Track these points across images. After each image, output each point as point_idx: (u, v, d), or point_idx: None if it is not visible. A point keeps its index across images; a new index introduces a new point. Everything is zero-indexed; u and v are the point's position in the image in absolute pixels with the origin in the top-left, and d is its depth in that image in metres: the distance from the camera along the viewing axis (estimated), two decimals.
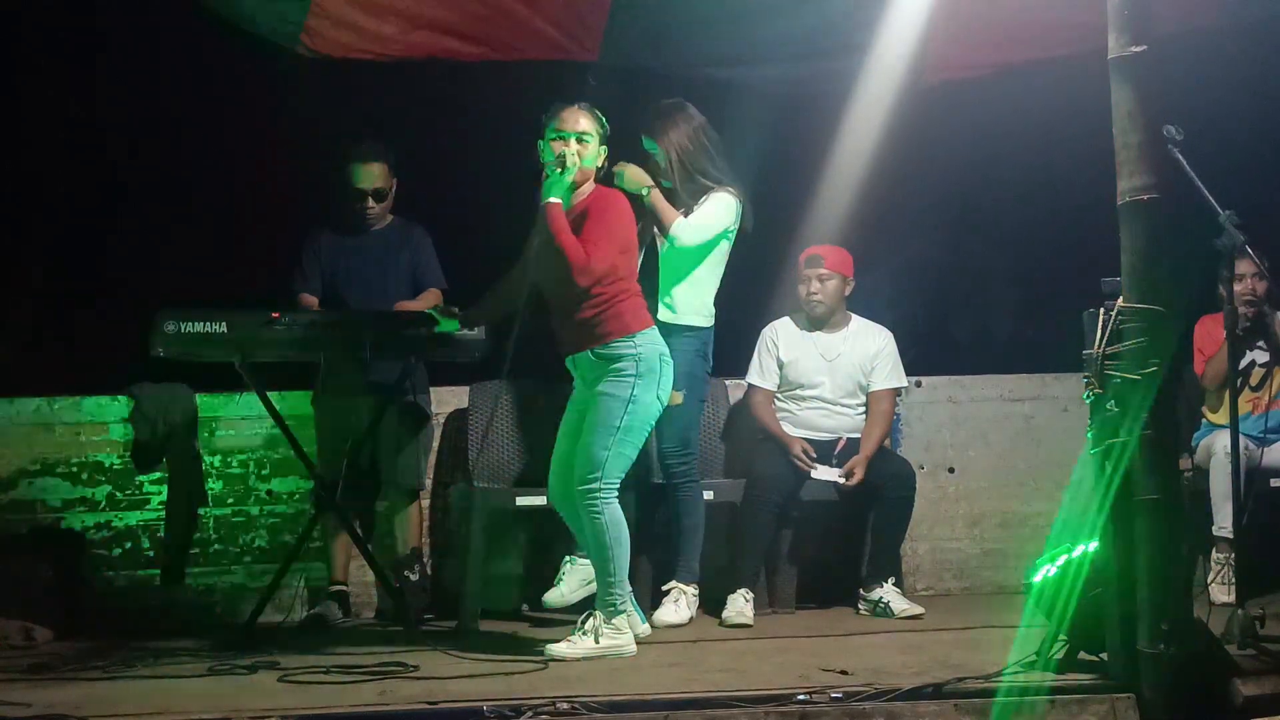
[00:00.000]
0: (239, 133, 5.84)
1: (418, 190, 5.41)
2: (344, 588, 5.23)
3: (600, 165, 4.27)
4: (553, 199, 4.09)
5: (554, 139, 4.18)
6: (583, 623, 4.09)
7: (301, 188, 5.60)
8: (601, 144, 4.23)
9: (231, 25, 4.92)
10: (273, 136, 5.81)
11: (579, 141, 4.16)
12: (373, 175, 5.16)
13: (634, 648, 4.08)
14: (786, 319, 5.37)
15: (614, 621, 4.06)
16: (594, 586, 4.38)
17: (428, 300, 5.19)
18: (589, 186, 4.24)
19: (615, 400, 4.08)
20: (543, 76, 5.38)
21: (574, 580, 4.70)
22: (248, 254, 5.63)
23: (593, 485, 4.05)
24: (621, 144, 4.54)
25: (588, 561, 4.64)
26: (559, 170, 4.11)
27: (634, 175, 4.76)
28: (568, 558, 4.77)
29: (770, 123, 5.95)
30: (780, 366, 5.30)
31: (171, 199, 5.86)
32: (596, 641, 4.01)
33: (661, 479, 4.90)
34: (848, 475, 5.08)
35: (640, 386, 4.09)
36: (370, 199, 5.16)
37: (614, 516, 4.07)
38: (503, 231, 4.68)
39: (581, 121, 4.19)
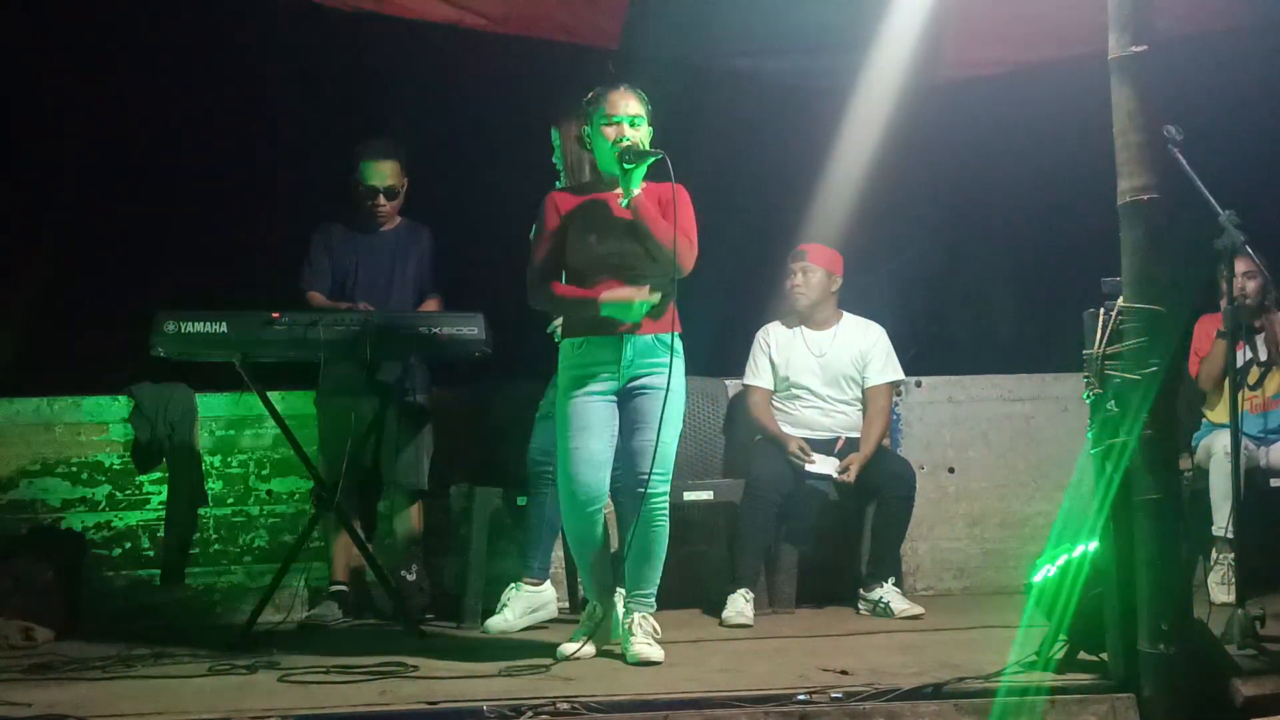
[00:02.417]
0: (240, 132, 5.84)
1: (424, 182, 5.42)
2: (344, 588, 5.23)
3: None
4: (636, 190, 3.96)
5: (604, 125, 4.01)
6: (641, 625, 4.01)
7: (302, 187, 5.60)
8: (650, 125, 4.06)
9: None
10: (274, 135, 5.81)
11: (631, 126, 4.00)
12: (384, 173, 5.16)
13: None
14: (778, 322, 5.38)
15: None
16: (539, 615, 4.64)
17: (431, 308, 5.20)
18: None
19: (677, 397, 4.01)
20: (556, 63, 5.39)
21: (519, 607, 4.69)
22: (248, 254, 5.64)
23: (667, 485, 4.03)
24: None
25: (534, 589, 4.73)
26: (631, 160, 3.92)
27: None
28: (513, 585, 4.76)
29: (774, 117, 5.96)
30: (773, 367, 5.31)
31: (172, 198, 5.86)
32: (658, 633, 4.04)
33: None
34: (843, 470, 5.08)
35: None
36: (382, 197, 5.16)
37: None
38: (512, 220, 4.68)
39: (632, 104, 4.03)
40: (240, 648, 4.36)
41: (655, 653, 3.93)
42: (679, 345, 4.06)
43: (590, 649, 4.00)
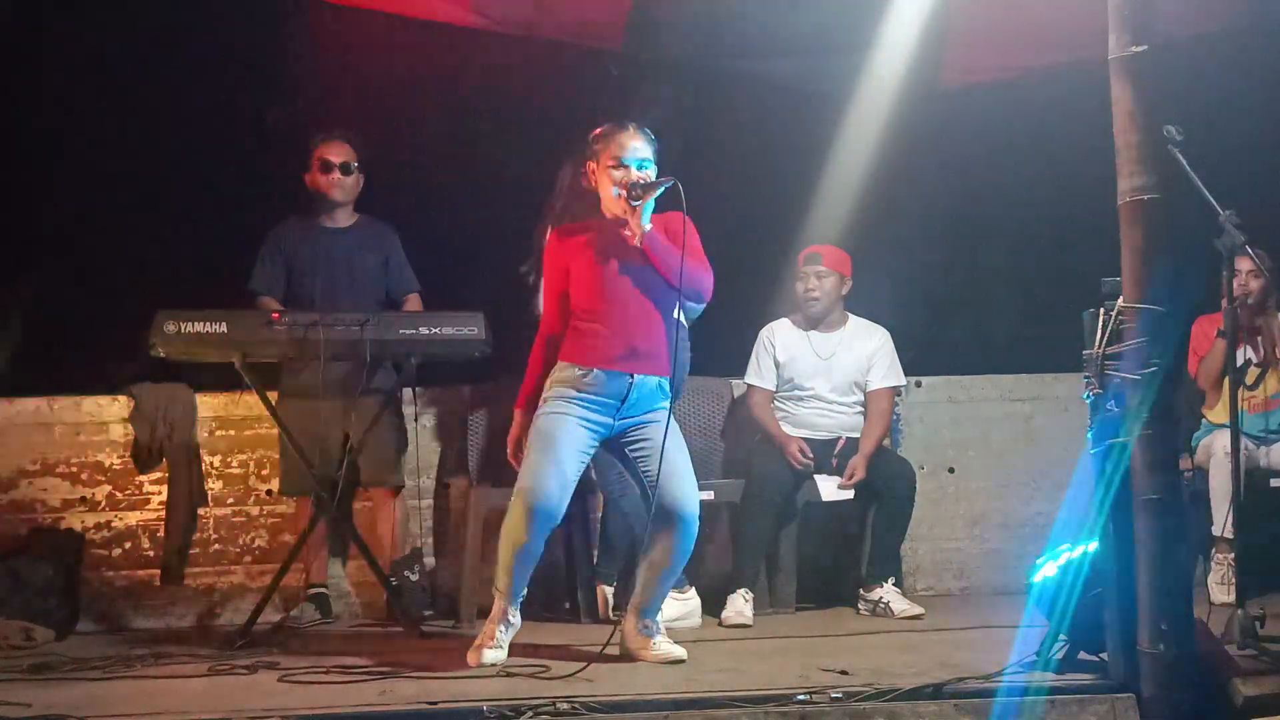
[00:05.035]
0: (241, 132, 5.84)
1: (424, 180, 5.42)
2: (323, 590, 5.23)
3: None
4: (648, 225, 3.89)
5: (611, 167, 3.95)
6: (662, 628, 4.07)
7: (303, 187, 5.59)
8: (656, 165, 4.00)
9: None
10: (274, 136, 5.81)
11: (639, 169, 3.94)
12: (340, 150, 5.18)
13: None
14: (785, 320, 5.37)
15: None
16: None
17: (411, 306, 5.20)
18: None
19: (678, 432, 4.01)
20: (558, 63, 5.39)
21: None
22: (248, 254, 5.63)
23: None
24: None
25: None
26: (638, 196, 3.87)
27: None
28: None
29: (776, 119, 5.97)
30: (777, 366, 5.30)
31: (172, 198, 5.86)
32: None
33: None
34: (849, 476, 5.08)
35: None
36: (337, 171, 5.16)
37: None
38: (512, 219, 4.68)
39: (641, 146, 3.97)
40: (240, 648, 4.37)
41: (680, 651, 3.97)
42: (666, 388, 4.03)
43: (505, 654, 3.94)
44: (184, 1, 5.73)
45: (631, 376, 3.92)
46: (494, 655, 3.88)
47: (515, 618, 3.99)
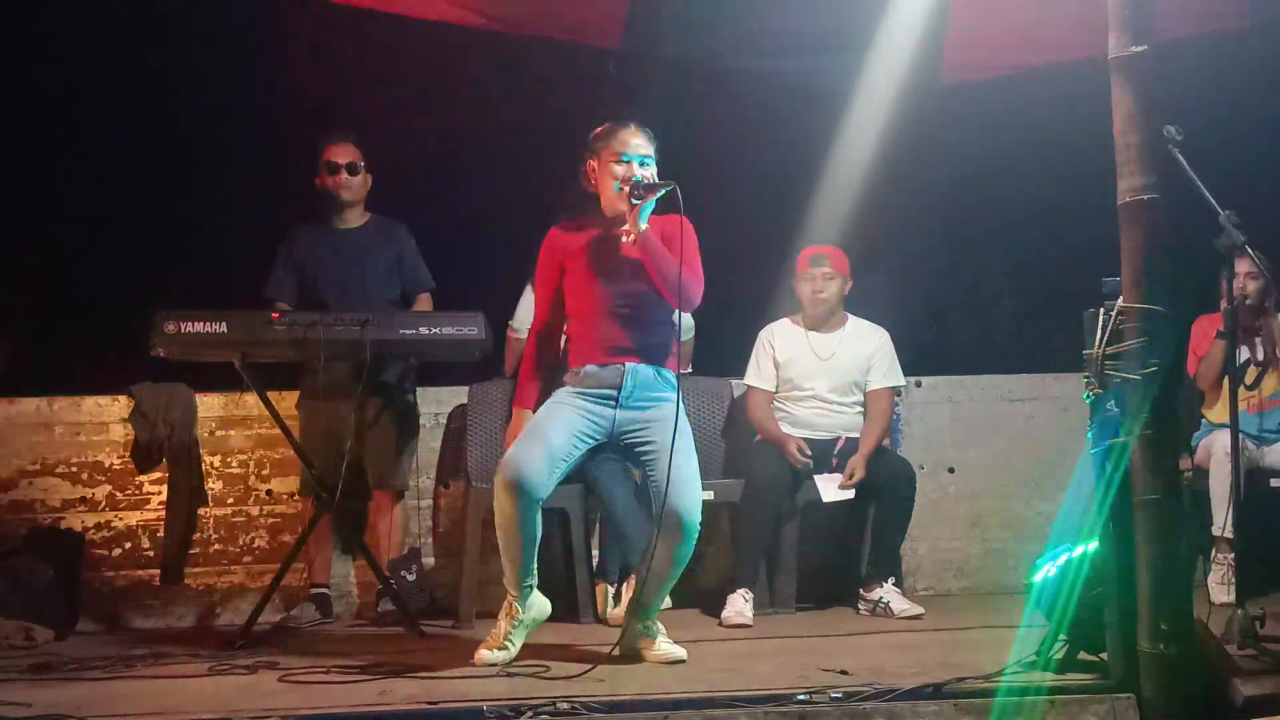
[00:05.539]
0: (240, 133, 5.84)
1: (424, 181, 5.41)
2: (324, 590, 5.22)
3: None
4: (645, 225, 3.89)
5: (613, 163, 3.97)
6: (659, 628, 4.04)
7: (303, 187, 5.60)
8: (657, 164, 4.02)
9: None
10: (275, 135, 5.81)
11: (641, 165, 3.96)
12: (346, 151, 5.21)
13: None
14: (784, 320, 5.37)
15: None
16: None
17: (421, 305, 5.20)
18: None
19: (686, 429, 3.99)
20: (558, 62, 5.39)
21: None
22: (247, 254, 5.64)
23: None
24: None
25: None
26: (640, 195, 3.88)
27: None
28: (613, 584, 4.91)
29: (775, 118, 5.97)
30: (777, 367, 5.30)
31: (172, 198, 5.86)
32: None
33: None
34: (850, 476, 5.08)
35: None
36: (344, 172, 5.19)
37: None
38: (513, 218, 4.66)
39: (642, 143, 3.99)
40: (240, 648, 4.37)
41: (681, 651, 3.97)
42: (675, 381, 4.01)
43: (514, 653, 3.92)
44: (187, 1, 5.73)
45: (623, 365, 3.94)
46: (497, 655, 3.88)
47: (526, 613, 3.95)
